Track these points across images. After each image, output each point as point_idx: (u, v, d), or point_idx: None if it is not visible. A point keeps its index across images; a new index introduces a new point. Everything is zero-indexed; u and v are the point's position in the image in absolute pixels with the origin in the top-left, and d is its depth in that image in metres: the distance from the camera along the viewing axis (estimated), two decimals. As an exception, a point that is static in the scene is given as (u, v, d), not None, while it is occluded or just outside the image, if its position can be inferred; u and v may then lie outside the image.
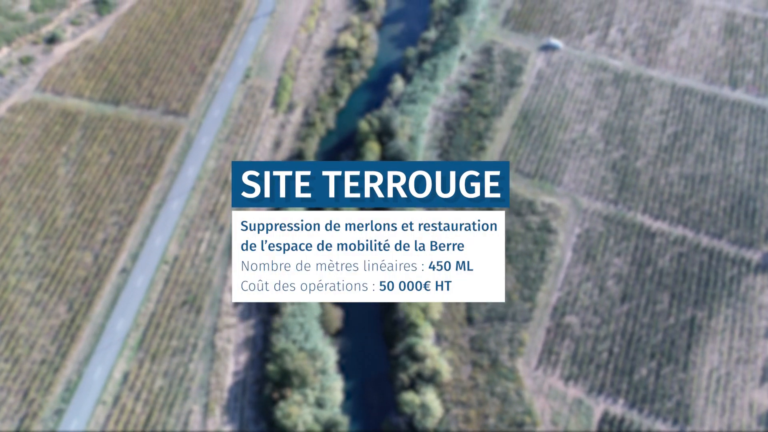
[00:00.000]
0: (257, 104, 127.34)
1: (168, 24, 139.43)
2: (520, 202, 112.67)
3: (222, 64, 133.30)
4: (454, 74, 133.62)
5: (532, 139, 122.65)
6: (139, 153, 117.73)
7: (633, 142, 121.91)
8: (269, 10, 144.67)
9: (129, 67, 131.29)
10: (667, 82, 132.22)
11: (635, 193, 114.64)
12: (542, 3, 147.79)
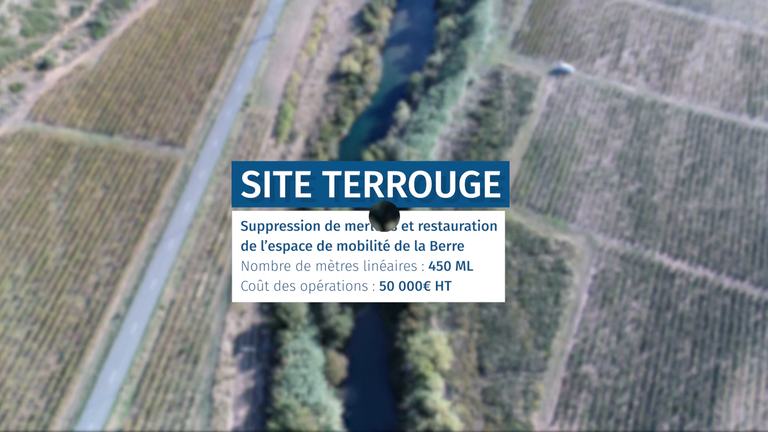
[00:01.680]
0: (257, 134, 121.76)
1: (164, 48, 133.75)
2: (532, 241, 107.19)
3: (220, 91, 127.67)
4: (461, 100, 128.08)
5: (544, 171, 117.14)
6: (134, 187, 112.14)
7: (649, 175, 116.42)
8: (269, 32, 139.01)
9: (124, 95, 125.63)
10: (683, 109, 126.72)
11: (652, 229, 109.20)
12: (552, 24, 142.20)
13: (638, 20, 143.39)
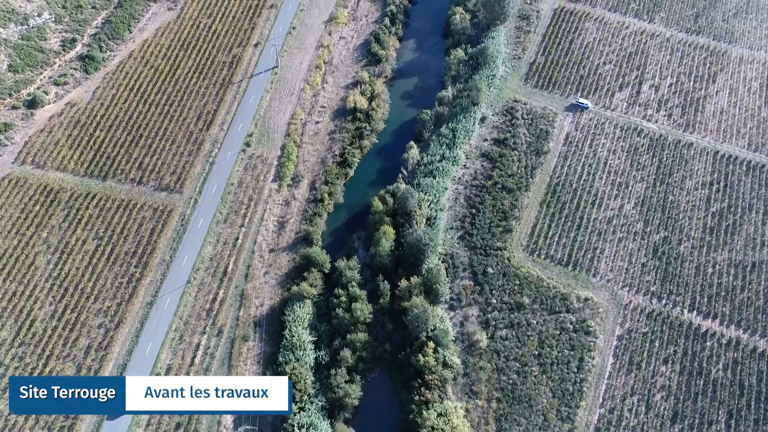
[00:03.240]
0: (259, 177, 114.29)
1: (161, 82, 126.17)
2: (553, 297, 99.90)
3: (220, 130, 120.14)
4: (474, 139, 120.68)
5: (563, 218, 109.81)
6: (128, 238, 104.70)
7: (675, 222, 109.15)
8: (271, 65, 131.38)
9: (118, 134, 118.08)
10: (707, 148, 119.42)
11: (680, 284, 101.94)
12: (567, 55, 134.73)
13: (657, 50, 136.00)
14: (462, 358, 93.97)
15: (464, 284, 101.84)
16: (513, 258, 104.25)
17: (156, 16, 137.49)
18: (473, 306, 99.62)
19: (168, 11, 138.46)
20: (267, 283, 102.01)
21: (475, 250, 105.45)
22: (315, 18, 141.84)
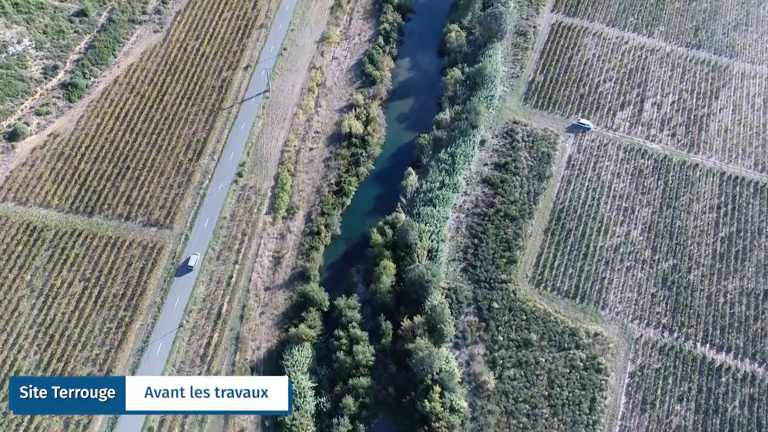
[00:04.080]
0: (252, 210, 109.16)
1: (148, 110, 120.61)
2: (561, 333, 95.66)
3: (211, 159, 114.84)
4: (474, 164, 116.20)
5: (569, 247, 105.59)
6: (117, 279, 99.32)
7: (683, 249, 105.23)
8: (263, 88, 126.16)
9: (104, 167, 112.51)
10: (713, 169, 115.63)
11: (692, 315, 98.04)
12: (566, 73, 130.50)
13: (658, 66, 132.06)
14: (469, 401, 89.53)
15: (469, 320, 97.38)
16: (519, 291, 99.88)
17: (141, 39, 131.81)
18: (479, 344, 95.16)
19: (154, 34, 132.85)
20: (263, 324, 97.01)
21: (479, 284, 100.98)
22: (306, 38, 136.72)
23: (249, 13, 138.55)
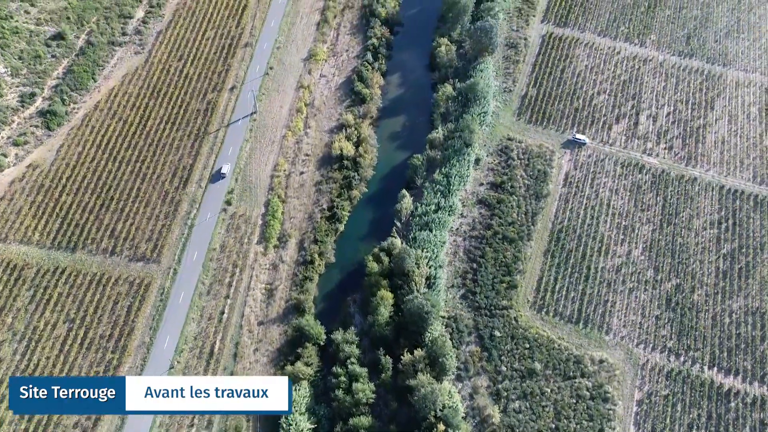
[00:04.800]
0: (243, 240, 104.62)
1: (131, 136, 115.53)
2: (566, 360, 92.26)
3: (198, 187, 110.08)
4: (469, 184, 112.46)
5: (570, 269, 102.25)
6: (103, 319, 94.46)
7: (685, 267, 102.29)
8: (249, 110, 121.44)
9: (86, 198, 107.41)
10: (712, 183, 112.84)
11: (698, 337, 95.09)
12: (560, 86, 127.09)
13: (652, 77, 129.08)
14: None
15: (471, 350, 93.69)
16: (520, 317, 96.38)
17: (122, 61, 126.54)
18: (482, 375, 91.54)
19: (135, 55, 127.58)
20: (258, 361, 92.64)
21: (479, 311, 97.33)
22: (293, 56, 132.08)
23: (233, 32, 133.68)
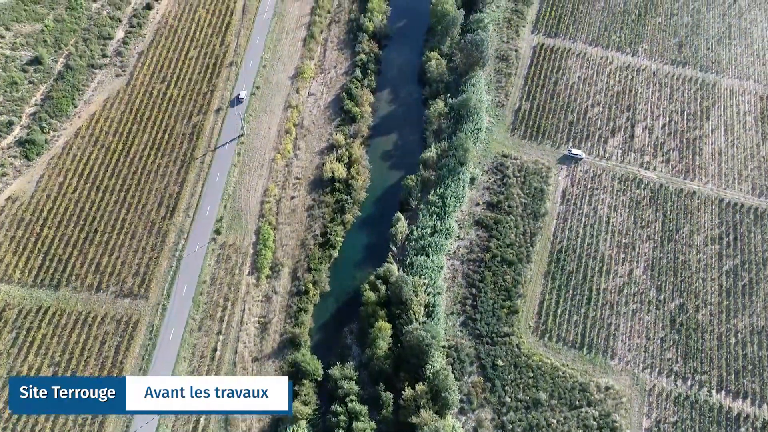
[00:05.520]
0: (234, 271, 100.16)
1: (114, 164, 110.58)
2: (571, 389, 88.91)
3: (186, 216, 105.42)
4: (465, 204, 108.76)
5: (571, 291, 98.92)
6: (90, 361, 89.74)
7: (689, 286, 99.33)
8: (236, 133, 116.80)
9: (69, 231, 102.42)
10: (711, 196, 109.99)
11: (704, 360, 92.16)
12: (553, 99, 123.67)
13: (645, 87, 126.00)
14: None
15: (473, 381, 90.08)
16: (523, 344, 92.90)
17: (103, 84, 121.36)
18: (485, 407, 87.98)
19: (116, 78, 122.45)
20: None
21: (480, 339, 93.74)
22: (280, 74, 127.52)
23: (217, 50, 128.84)
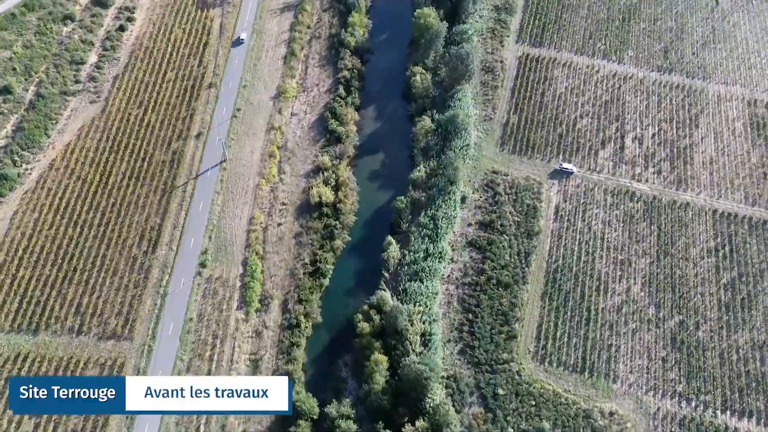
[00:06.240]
0: (222, 306, 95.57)
1: (91, 196, 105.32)
2: (575, 416, 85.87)
3: (169, 249, 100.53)
4: (457, 225, 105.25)
5: (569, 312, 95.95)
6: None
7: (687, 302, 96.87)
8: (219, 158, 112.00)
9: (46, 271, 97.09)
10: (705, 207, 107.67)
11: (707, 379, 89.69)
12: (541, 111, 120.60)
13: (633, 95, 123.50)
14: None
15: (474, 412, 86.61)
16: (523, 371, 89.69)
17: (77, 112, 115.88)
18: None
19: (90, 105, 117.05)
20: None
21: (479, 367, 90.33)
22: (261, 94, 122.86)
23: (195, 72, 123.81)
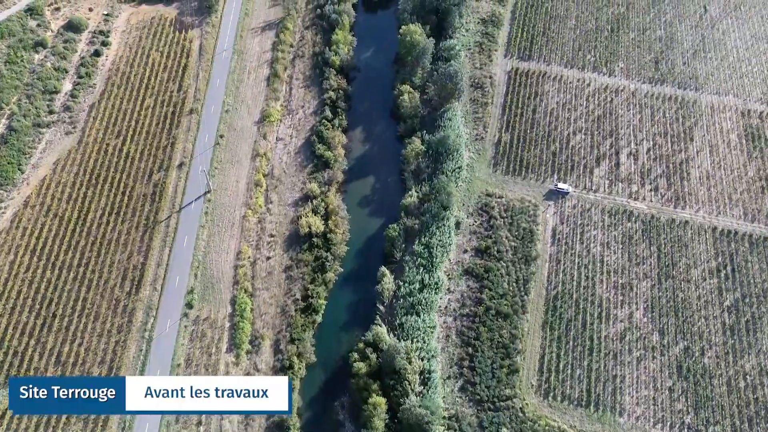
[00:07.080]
0: (210, 349, 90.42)
1: (69, 235, 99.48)
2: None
3: (153, 290, 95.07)
4: (452, 252, 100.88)
5: (571, 342, 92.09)
6: (56, 471, 79.37)
7: (691, 327, 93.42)
8: (202, 189, 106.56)
9: (24, 318, 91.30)
10: (704, 225, 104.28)
11: (715, 408, 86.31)
12: (533, 129, 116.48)
13: (626, 109, 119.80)
14: None
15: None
16: (527, 407, 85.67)
17: (52, 144, 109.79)
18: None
19: (66, 136, 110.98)
20: (242, 499, 79.37)
21: (481, 405, 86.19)
22: (244, 119, 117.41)
23: (175, 97, 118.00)
